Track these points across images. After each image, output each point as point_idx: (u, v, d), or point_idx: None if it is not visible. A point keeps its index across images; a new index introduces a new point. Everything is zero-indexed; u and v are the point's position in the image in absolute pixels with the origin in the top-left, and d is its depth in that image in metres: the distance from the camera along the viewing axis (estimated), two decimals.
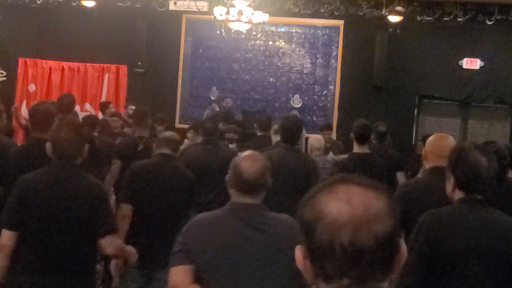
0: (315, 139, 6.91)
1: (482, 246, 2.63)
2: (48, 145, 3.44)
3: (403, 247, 1.20)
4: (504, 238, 2.66)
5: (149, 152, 5.23)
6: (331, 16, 11.78)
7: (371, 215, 1.15)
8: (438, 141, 3.50)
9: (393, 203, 1.20)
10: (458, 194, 2.75)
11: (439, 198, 3.01)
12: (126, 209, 4.37)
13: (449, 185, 2.79)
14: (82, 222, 3.28)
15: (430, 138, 3.59)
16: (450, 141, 3.47)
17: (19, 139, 9.71)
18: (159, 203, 4.36)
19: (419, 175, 5.16)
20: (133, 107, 10.32)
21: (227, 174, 5.71)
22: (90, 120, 7.26)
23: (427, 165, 3.54)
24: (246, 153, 2.87)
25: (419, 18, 11.43)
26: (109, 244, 3.32)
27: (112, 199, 6.29)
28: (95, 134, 7.20)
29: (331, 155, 7.36)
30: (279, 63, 12.27)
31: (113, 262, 4.01)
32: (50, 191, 3.28)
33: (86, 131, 3.56)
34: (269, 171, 2.76)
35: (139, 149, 5.97)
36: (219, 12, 9.08)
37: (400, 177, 6.40)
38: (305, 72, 12.21)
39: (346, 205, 1.15)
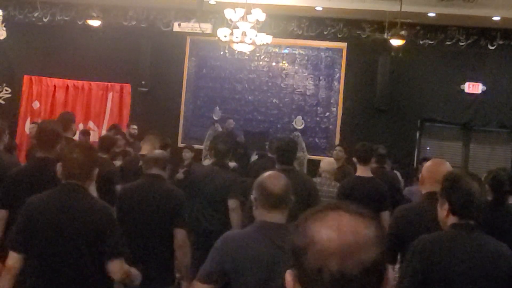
0: (326, 162, 6.94)
1: (475, 271, 2.66)
2: (59, 166, 3.42)
3: (389, 273, 1.23)
4: (496, 263, 2.69)
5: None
6: (334, 38, 11.88)
7: (360, 243, 1.18)
8: (434, 167, 3.53)
9: (381, 232, 1.23)
10: (452, 220, 2.78)
11: (435, 223, 3.03)
12: None
13: (442, 210, 2.82)
14: (89, 245, 3.21)
15: (427, 164, 3.63)
16: (447, 167, 3.49)
17: (22, 156, 9.76)
18: (147, 223, 4.35)
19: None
20: (135, 127, 10.39)
21: (227, 197, 5.72)
22: (108, 141, 7.27)
23: (423, 190, 3.56)
24: (269, 172, 2.97)
25: (421, 42, 11.54)
26: (117, 269, 3.25)
27: None
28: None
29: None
30: (282, 84, 12.34)
31: None
32: (57, 214, 3.22)
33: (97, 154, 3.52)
34: (291, 188, 2.89)
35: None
36: (223, 33, 9.16)
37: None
38: (308, 93, 12.26)
39: (336, 233, 1.18)
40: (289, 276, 1.26)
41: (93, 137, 10.42)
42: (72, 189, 3.29)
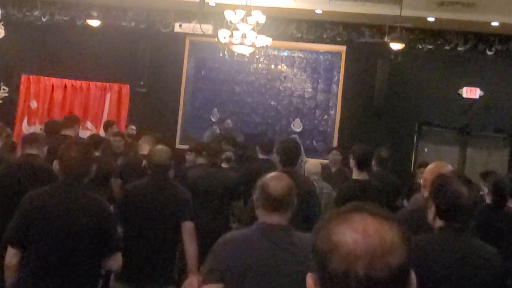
0: (312, 164, 6.89)
1: (461, 274, 2.63)
2: (55, 163, 3.47)
3: (413, 277, 1.22)
4: (482, 266, 2.68)
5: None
6: (333, 41, 11.90)
7: (386, 246, 1.16)
8: (437, 170, 3.51)
9: (406, 234, 1.21)
10: (439, 222, 2.76)
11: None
12: None
13: (430, 213, 2.80)
14: (87, 240, 3.30)
15: (430, 166, 3.61)
16: (449, 169, 3.49)
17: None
18: (152, 221, 4.39)
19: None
20: (133, 127, 10.36)
21: (228, 197, 5.76)
22: (95, 139, 7.29)
23: (425, 193, 3.55)
24: (272, 173, 2.95)
25: (420, 46, 11.56)
26: (118, 261, 3.39)
27: None
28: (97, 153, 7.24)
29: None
30: (280, 87, 12.35)
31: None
32: (56, 210, 3.29)
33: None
34: (294, 190, 2.85)
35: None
36: (223, 35, 9.16)
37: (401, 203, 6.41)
38: (306, 96, 12.28)
39: (361, 236, 1.16)
40: (310, 279, 1.23)
41: None
42: (72, 186, 3.37)
